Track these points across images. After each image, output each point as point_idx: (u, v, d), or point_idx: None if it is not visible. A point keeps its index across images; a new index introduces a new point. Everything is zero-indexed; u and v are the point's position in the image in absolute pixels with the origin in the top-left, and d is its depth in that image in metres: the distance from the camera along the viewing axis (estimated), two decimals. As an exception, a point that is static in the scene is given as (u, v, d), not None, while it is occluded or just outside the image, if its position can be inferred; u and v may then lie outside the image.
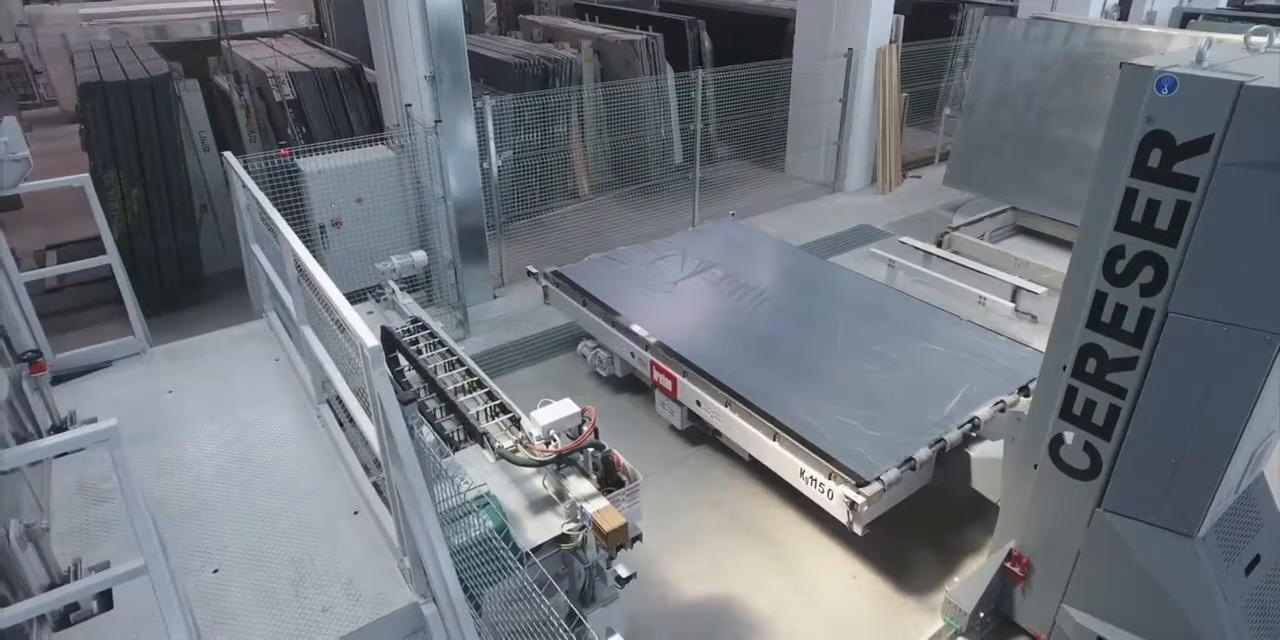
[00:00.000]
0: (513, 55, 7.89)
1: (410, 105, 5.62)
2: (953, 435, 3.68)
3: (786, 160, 9.04)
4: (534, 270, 5.42)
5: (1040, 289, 5.48)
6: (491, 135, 6.10)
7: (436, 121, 5.49)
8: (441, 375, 3.64)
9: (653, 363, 4.46)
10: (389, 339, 3.61)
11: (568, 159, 7.78)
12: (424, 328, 4.05)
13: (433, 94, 5.55)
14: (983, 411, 3.85)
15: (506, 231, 6.64)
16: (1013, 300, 5.42)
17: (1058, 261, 6.11)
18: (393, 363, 3.63)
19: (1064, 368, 2.83)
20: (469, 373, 3.66)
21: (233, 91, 6.85)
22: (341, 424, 3.33)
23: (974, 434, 3.77)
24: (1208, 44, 2.39)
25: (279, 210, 3.19)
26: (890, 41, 8.40)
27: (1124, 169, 2.49)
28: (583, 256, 5.62)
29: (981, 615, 3.30)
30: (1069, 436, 2.89)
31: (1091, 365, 2.75)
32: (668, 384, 4.38)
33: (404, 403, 2.36)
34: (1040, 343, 3.26)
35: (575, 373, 5.34)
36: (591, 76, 8.16)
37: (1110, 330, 2.67)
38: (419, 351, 3.82)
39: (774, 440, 3.74)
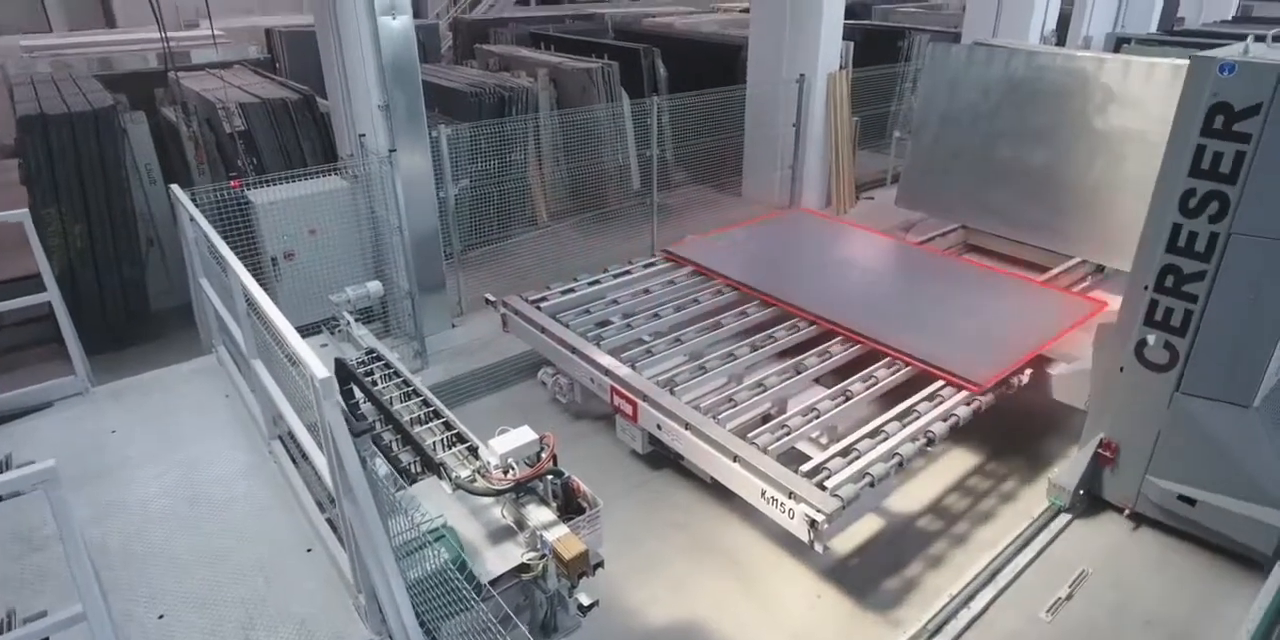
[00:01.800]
0: (468, 84, 7.99)
1: (364, 135, 5.66)
2: (907, 448, 3.79)
3: (743, 184, 9.24)
4: (492, 298, 5.45)
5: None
6: (447, 164, 6.15)
7: (391, 151, 5.54)
8: (397, 406, 3.64)
9: (612, 388, 4.50)
10: (343, 371, 3.60)
11: (526, 186, 7.86)
12: (379, 359, 4.05)
13: (387, 124, 5.60)
14: (936, 426, 3.96)
15: (465, 260, 6.67)
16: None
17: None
18: (347, 395, 3.62)
19: (1146, 287, 3.83)
20: (425, 403, 3.67)
21: (180, 123, 6.82)
22: (294, 460, 3.30)
23: (927, 448, 3.88)
24: (1251, 41, 3.49)
25: (229, 243, 3.19)
26: (840, 67, 8.71)
27: (1194, 132, 3.50)
28: (542, 284, 5.66)
29: (1081, 493, 4.24)
30: (1151, 339, 3.89)
31: (1170, 281, 3.75)
32: (628, 409, 4.42)
33: (356, 434, 2.37)
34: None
35: (536, 400, 5.35)
36: (548, 104, 8.30)
37: (1185, 252, 3.67)
38: (374, 383, 3.81)
39: (734, 462, 3.80)
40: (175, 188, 3.89)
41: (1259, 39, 3.60)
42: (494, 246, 7.30)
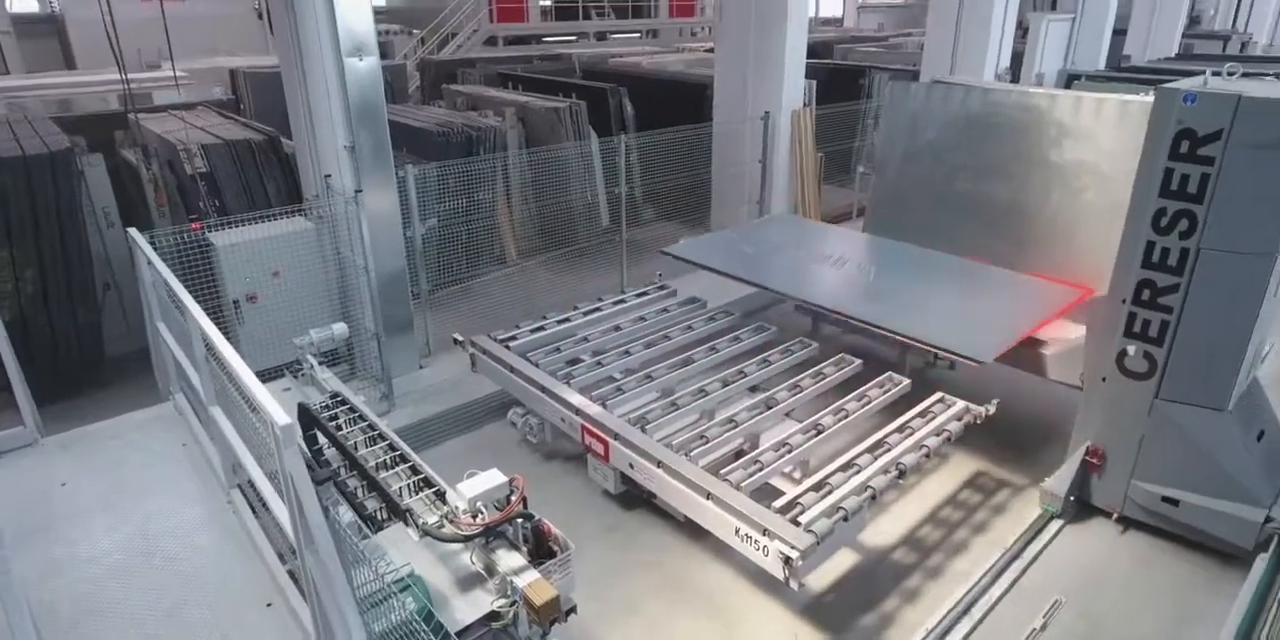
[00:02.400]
0: (435, 124, 8.10)
1: (330, 176, 5.69)
2: (879, 480, 3.83)
3: (711, 219, 9.40)
4: (460, 338, 5.44)
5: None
6: (414, 204, 6.19)
7: (357, 191, 5.57)
8: (363, 451, 3.60)
9: (583, 427, 4.49)
10: (306, 416, 3.57)
11: (494, 225, 7.92)
12: (344, 403, 4.01)
13: (353, 164, 5.65)
14: (908, 457, 4.01)
15: (432, 300, 6.66)
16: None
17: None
18: (311, 441, 3.57)
19: (1124, 301, 4.09)
20: (392, 447, 3.63)
21: (140, 165, 6.79)
22: (254, 510, 3.24)
23: (899, 479, 3.92)
24: (1209, 75, 3.83)
25: (189, 286, 3.18)
26: (804, 105, 8.99)
27: (1163, 156, 3.81)
28: (511, 322, 5.68)
29: (1071, 499, 4.45)
30: (1131, 349, 4.14)
31: (1146, 294, 4.04)
32: (599, 448, 4.41)
33: (319, 482, 2.35)
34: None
35: (506, 441, 5.31)
36: (516, 143, 8.42)
37: (1159, 267, 3.96)
38: (339, 428, 3.77)
39: (707, 499, 3.80)
40: (133, 231, 3.88)
41: (1216, 73, 3.90)
42: (462, 286, 7.31)
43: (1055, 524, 4.47)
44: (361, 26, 5.38)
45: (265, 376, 4.82)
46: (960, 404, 4.52)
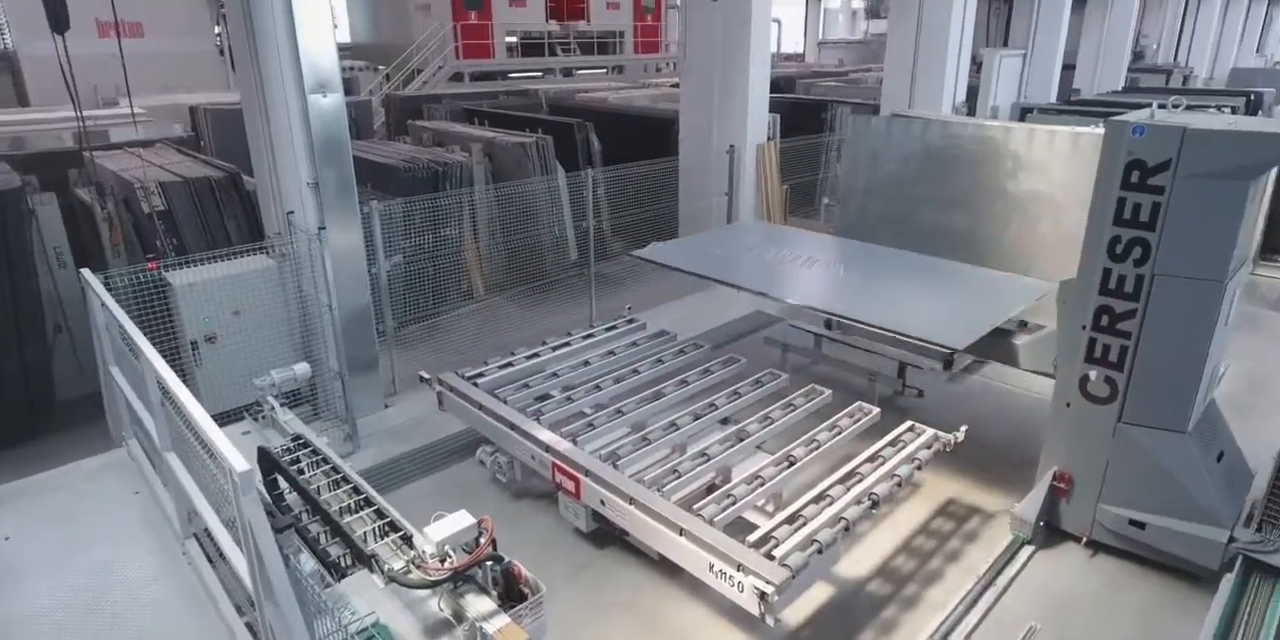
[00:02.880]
0: (401, 160, 8.13)
1: (292, 212, 5.67)
2: (852, 511, 3.85)
3: (680, 252, 9.50)
4: (427, 376, 5.40)
5: (924, 363, 5.89)
6: (379, 240, 6.18)
7: (320, 228, 5.55)
8: (326, 495, 3.53)
9: (554, 464, 4.46)
10: (267, 460, 3.50)
11: (461, 260, 7.92)
12: (306, 445, 3.94)
13: (316, 201, 5.63)
14: (880, 487, 4.04)
15: (398, 337, 6.61)
16: (900, 376, 5.79)
17: (940, 337, 6.62)
18: (272, 485, 3.50)
19: (1084, 327, 4.20)
20: (356, 490, 3.57)
21: (95, 204, 6.71)
22: (211, 560, 3.15)
23: (872, 510, 3.96)
24: (1156, 107, 4.01)
25: (145, 328, 3.14)
26: (769, 138, 9.21)
27: (1115, 186, 3.95)
28: (479, 359, 5.65)
29: (1041, 524, 4.51)
30: (1093, 374, 4.24)
31: (1105, 320, 4.14)
32: (570, 485, 4.37)
33: (279, 529, 2.30)
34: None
35: (474, 480, 5.24)
36: (483, 178, 8.48)
37: (1116, 293, 4.08)
38: (300, 471, 3.70)
39: (680, 535, 3.77)
40: (86, 272, 3.82)
41: (1161, 105, 4.07)
42: (429, 322, 7.28)
43: (1026, 550, 4.50)
44: (325, 63, 5.42)
45: (225, 420, 4.74)
46: (929, 432, 4.58)
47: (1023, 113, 11.62)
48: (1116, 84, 18.01)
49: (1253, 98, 12.51)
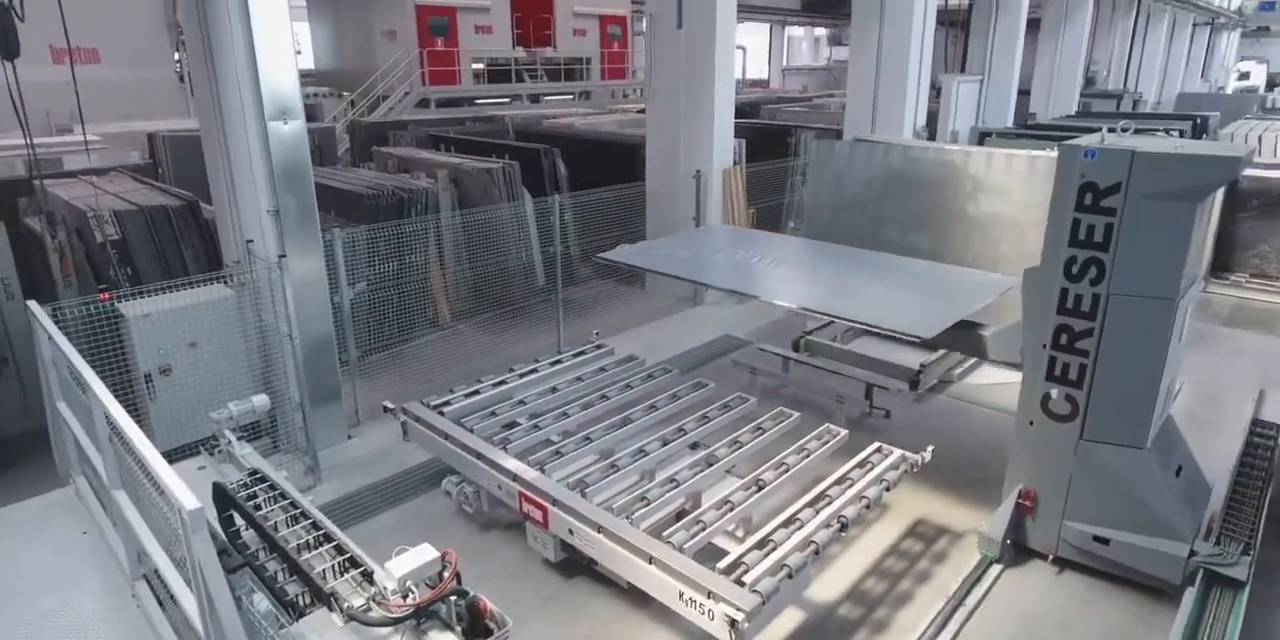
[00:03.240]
0: (365, 186, 8.11)
1: (251, 241, 5.61)
2: (822, 535, 3.86)
3: (647, 277, 9.56)
4: (390, 405, 5.33)
5: (891, 385, 5.96)
6: (342, 268, 6.13)
7: (281, 256, 5.49)
8: (284, 532, 3.45)
9: (520, 493, 4.41)
10: (222, 496, 3.42)
11: (427, 287, 7.87)
12: (264, 480, 3.86)
13: (277, 229, 5.58)
14: (849, 510, 4.06)
15: (362, 367, 6.53)
16: (867, 397, 5.85)
17: (906, 357, 6.71)
18: (227, 523, 3.42)
19: (1044, 345, 4.30)
20: (315, 525, 3.50)
21: (45, 233, 6.57)
22: (161, 603, 3.04)
23: (842, 533, 3.98)
24: (1105, 132, 4.16)
25: (96, 361, 3.07)
26: (735, 163, 9.36)
27: (1069, 208, 4.06)
28: (445, 386, 5.59)
29: (1008, 542, 4.56)
30: (1054, 392, 4.33)
31: (1064, 339, 4.24)
32: (538, 515, 4.33)
33: (230, 569, 2.25)
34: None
35: (440, 512, 5.16)
36: (449, 205, 8.48)
37: (1073, 312, 4.17)
38: (257, 507, 3.61)
39: (650, 564, 3.74)
40: (32, 304, 3.73)
41: (1111, 129, 4.22)
42: (394, 351, 7.20)
43: (995, 569, 4.53)
44: (287, 89, 5.41)
45: (179, 455, 4.62)
46: (897, 453, 4.62)
47: (981, 137, 11.96)
48: (1070, 108, 18.66)
49: (1199, 121, 13.04)
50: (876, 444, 4.71)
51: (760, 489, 4.32)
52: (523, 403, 5.41)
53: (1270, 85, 34.25)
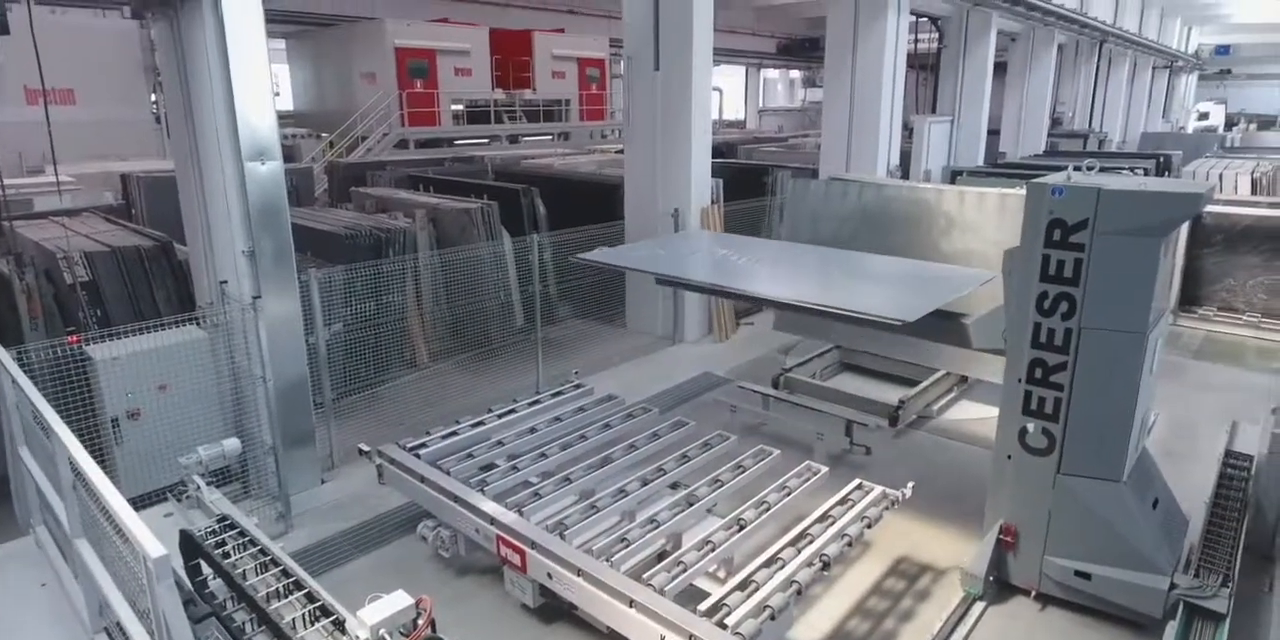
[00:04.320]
0: (343, 226, 8.14)
1: (225, 282, 5.60)
2: (804, 574, 3.84)
3: (627, 315, 9.63)
4: (366, 448, 5.27)
5: (870, 421, 6.00)
6: (318, 309, 6.12)
7: (255, 297, 5.48)
8: (253, 580, 3.37)
9: (498, 537, 4.35)
10: (189, 544, 3.36)
11: (404, 328, 7.86)
12: (233, 526, 3.78)
13: (252, 269, 5.58)
14: (831, 548, 4.05)
15: (337, 409, 6.46)
16: (847, 434, 5.88)
17: (885, 393, 6.78)
18: (194, 572, 3.35)
19: (1020, 380, 4.38)
20: (286, 573, 3.42)
21: (12, 275, 6.50)
22: (122, 656, 2.95)
23: (824, 572, 3.97)
24: (1072, 170, 4.32)
25: (62, 405, 3.03)
26: (712, 202, 9.53)
27: (1039, 244, 4.17)
28: (422, 429, 5.55)
29: (990, 579, 4.56)
30: (1031, 426, 4.40)
31: (1039, 373, 4.32)
32: (516, 558, 4.27)
33: (196, 620, 2.20)
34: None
35: (415, 558, 5.06)
36: (427, 245, 8.52)
37: (1047, 346, 4.27)
38: (226, 555, 3.54)
39: (630, 607, 3.70)
40: (-2, 348, 3.69)
41: (1078, 168, 4.37)
42: (370, 392, 7.14)
43: (978, 606, 4.52)
44: (264, 130, 5.47)
45: (146, 502, 4.53)
46: (878, 489, 4.63)
47: (953, 175, 12.31)
48: (1038, 148, 19.27)
49: (1162, 159, 13.51)
50: (857, 481, 4.72)
51: (741, 528, 4.30)
52: (501, 444, 5.37)
53: (1229, 125, 35.64)
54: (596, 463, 5.09)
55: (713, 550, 4.11)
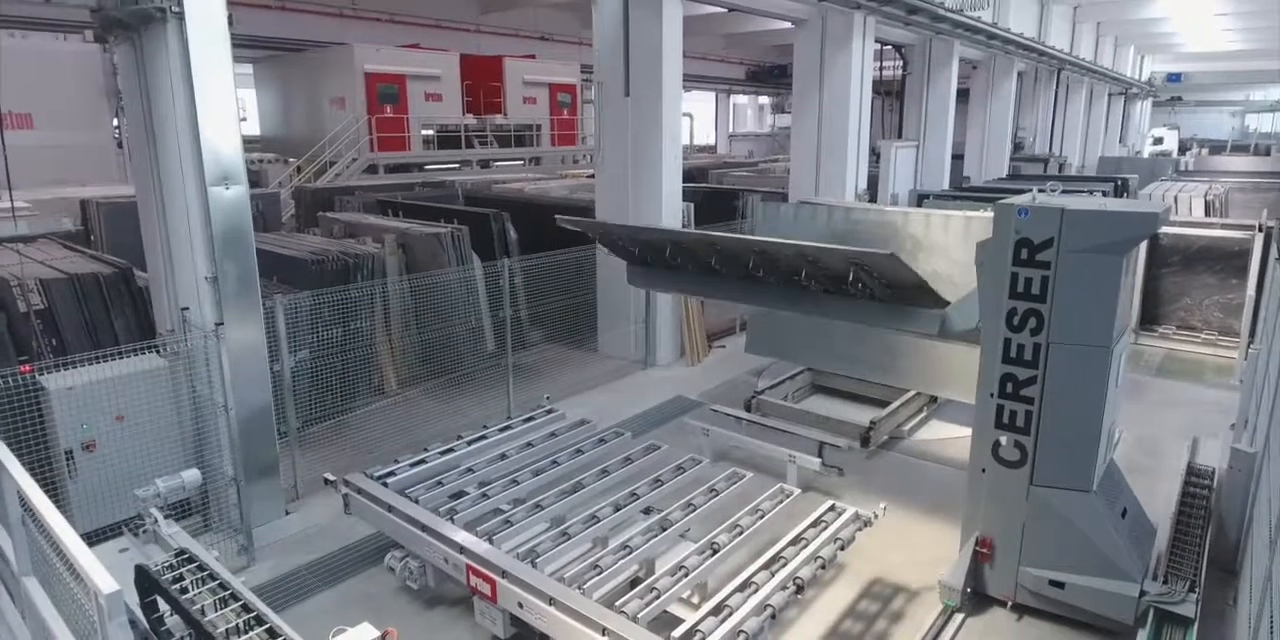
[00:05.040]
0: (310, 252, 8.07)
1: (187, 309, 5.51)
2: (778, 598, 3.84)
3: (599, 340, 9.63)
4: (332, 478, 5.18)
5: (842, 442, 6.04)
6: (283, 335, 6.04)
7: (218, 324, 5.39)
8: (211, 616, 3.27)
9: (468, 566, 4.29)
10: (145, 580, 3.27)
11: (373, 354, 7.78)
12: (192, 560, 3.68)
13: (214, 296, 5.50)
14: (804, 571, 4.05)
15: (303, 438, 6.35)
16: (819, 455, 5.91)
17: (857, 414, 6.83)
18: (151, 608, 3.25)
19: (991, 395, 4.50)
20: (246, 608, 3.33)
21: (-35, 305, 6.34)
22: (72, 699, 2.84)
23: (798, 595, 3.96)
24: (1036, 192, 4.48)
25: (15, 438, 2.93)
26: (684, 226, 9.61)
27: (1007, 262, 4.33)
28: (390, 457, 5.47)
29: (968, 591, 4.63)
30: (1004, 440, 4.51)
31: (1010, 387, 4.45)
32: (486, 588, 4.20)
33: (149, 657, 2.13)
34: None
35: (383, 590, 4.96)
36: (396, 270, 8.47)
37: (1017, 361, 4.40)
38: (184, 590, 3.44)
39: (603, 636, 3.65)
40: (-54, 380, 3.58)
41: (1041, 190, 4.55)
42: (337, 420, 7.04)
43: (957, 618, 4.58)
44: (229, 155, 5.43)
45: (101, 537, 4.39)
46: (850, 511, 4.65)
47: (920, 198, 12.56)
48: (1001, 172, 19.77)
49: (1120, 182, 13.93)
50: (830, 502, 4.74)
51: (715, 552, 4.28)
52: (471, 471, 5.31)
53: (1182, 150, 36.93)
54: (568, 489, 5.06)
55: (686, 575, 4.09)
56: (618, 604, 3.80)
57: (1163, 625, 4.18)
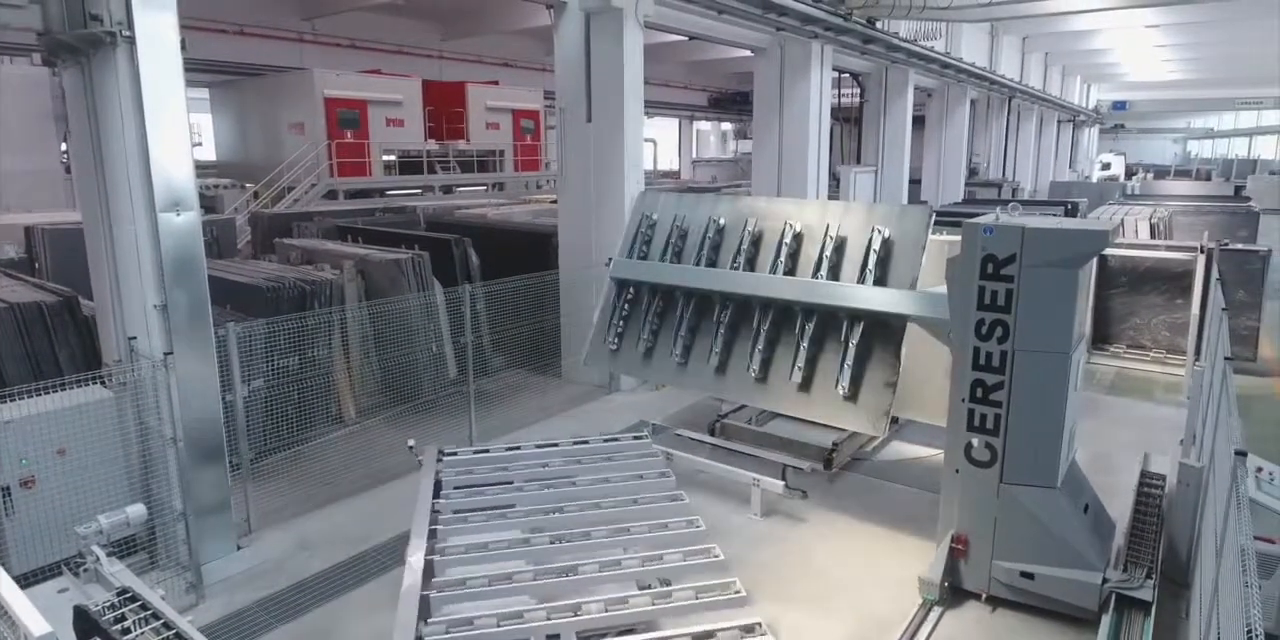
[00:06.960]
0: (265, 279, 7.94)
1: (135, 338, 5.36)
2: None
3: (563, 365, 9.58)
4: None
5: (805, 465, 6.06)
6: (236, 365, 5.91)
7: (167, 354, 5.26)
8: (155, 659, 3.15)
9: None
10: (84, 621, 3.14)
11: (330, 382, 7.64)
12: (135, 600, 3.54)
13: (164, 324, 5.37)
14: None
15: (256, 470, 6.18)
16: (783, 478, 5.93)
17: (819, 437, 6.87)
18: (89, 652, 3.11)
19: (963, 400, 4.83)
20: (192, 649, 3.21)
21: (-102, 336, 6.10)
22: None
23: None
24: (1000, 211, 4.83)
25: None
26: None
27: (975, 276, 4.67)
28: (349, 487, 5.35)
29: (945, 585, 4.92)
30: (975, 441, 4.82)
31: (980, 392, 4.78)
32: (446, 623, 4.10)
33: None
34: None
35: (338, 625, 4.81)
36: (355, 296, 8.37)
37: (986, 368, 4.74)
38: (125, 631, 3.30)
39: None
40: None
41: (1004, 211, 4.90)
42: (293, 450, 6.87)
43: (935, 611, 4.86)
44: (181, 180, 5.34)
45: (36, 577, 4.20)
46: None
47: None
48: (958, 196, 20.36)
49: (1070, 206, 14.44)
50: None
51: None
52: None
53: (1129, 175, 38.39)
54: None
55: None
56: None
57: (1124, 610, 4.49)
